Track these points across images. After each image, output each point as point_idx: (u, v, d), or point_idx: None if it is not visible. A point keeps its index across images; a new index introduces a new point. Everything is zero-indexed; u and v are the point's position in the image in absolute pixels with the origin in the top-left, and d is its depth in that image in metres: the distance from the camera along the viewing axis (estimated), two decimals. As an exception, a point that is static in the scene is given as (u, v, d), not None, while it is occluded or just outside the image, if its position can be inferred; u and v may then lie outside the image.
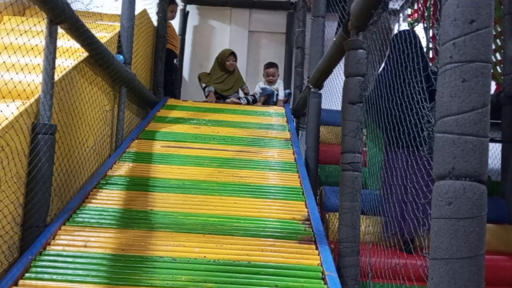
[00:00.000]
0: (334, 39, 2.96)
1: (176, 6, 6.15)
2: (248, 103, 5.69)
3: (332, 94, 4.17)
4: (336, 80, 3.78)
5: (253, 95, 5.84)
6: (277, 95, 5.73)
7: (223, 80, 5.84)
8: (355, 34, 2.53)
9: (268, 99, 5.72)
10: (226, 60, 5.81)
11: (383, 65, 2.72)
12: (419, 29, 5.12)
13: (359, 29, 2.51)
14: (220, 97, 5.74)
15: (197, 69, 7.05)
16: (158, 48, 5.26)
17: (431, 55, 4.62)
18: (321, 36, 4.02)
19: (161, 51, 5.29)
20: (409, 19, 5.66)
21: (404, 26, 5.97)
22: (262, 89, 5.80)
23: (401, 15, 5.95)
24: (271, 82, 5.81)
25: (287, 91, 5.83)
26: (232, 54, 5.90)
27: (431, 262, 1.15)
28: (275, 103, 5.67)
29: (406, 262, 1.93)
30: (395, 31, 5.93)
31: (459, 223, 1.11)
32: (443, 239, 1.13)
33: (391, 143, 2.38)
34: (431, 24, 4.64)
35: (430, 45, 4.63)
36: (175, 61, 6.15)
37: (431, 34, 4.60)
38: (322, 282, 2.29)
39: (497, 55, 4.10)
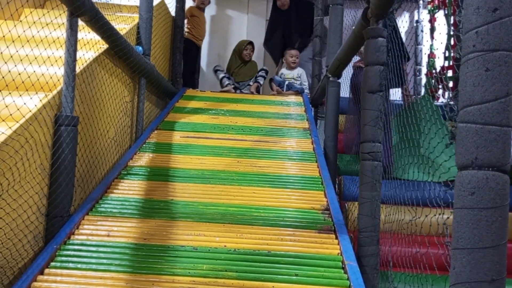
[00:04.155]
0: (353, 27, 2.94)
1: None
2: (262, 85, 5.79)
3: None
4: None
5: (265, 71, 5.87)
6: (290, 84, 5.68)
7: (239, 70, 5.90)
8: (375, 22, 2.51)
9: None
10: (243, 49, 5.88)
11: None
12: (440, 16, 5.04)
13: (379, 17, 2.48)
14: (236, 87, 5.81)
15: (215, 59, 7.06)
16: (176, 38, 5.28)
17: (452, 42, 4.56)
18: (339, 24, 3.99)
19: (179, 41, 5.31)
20: (430, 5, 5.58)
21: (424, 12, 5.88)
22: (278, 79, 5.77)
23: (421, 1, 5.86)
24: (293, 64, 5.73)
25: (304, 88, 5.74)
26: (250, 43, 5.96)
27: (453, 252, 1.15)
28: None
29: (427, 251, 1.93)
30: (416, 17, 5.86)
31: (482, 213, 1.11)
32: (466, 229, 1.12)
33: None
34: (452, 11, 4.57)
35: (451, 32, 4.56)
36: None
37: (452, 21, 4.53)
38: (342, 271, 2.30)
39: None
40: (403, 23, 2.62)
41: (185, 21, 5.80)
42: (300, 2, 6.03)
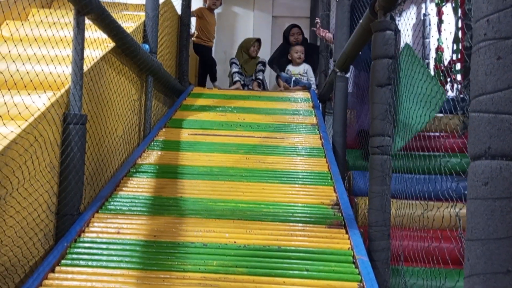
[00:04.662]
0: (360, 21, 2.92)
1: None
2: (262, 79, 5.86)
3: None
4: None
5: (262, 63, 5.89)
6: (295, 80, 5.66)
7: (246, 64, 6.02)
8: (383, 15, 2.49)
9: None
10: (251, 46, 6.00)
11: None
12: (448, 8, 5.00)
13: (386, 9, 2.46)
14: (244, 84, 5.89)
15: (221, 56, 7.05)
16: (183, 36, 5.28)
17: (460, 35, 4.52)
18: (346, 18, 3.96)
19: (186, 39, 5.31)
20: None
21: (431, 6, 5.84)
22: (285, 76, 5.76)
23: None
24: (299, 59, 5.73)
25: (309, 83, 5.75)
26: (257, 41, 6.09)
27: (467, 243, 1.13)
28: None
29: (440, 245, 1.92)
30: (423, 10, 5.81)
31: (496, 203, 1.09)
32: (479, 220, 1.10)
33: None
34: (459, 3, 4.52)
35: (459, 25, 4.51)
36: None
37: (460, 14, 4.49)
38: (353, 266, 2.29)
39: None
40: (410, 15, 2.60)
41: (193, 19, 5.83)
42: (308, 43, 6.20)
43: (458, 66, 4.74)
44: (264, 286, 2.14)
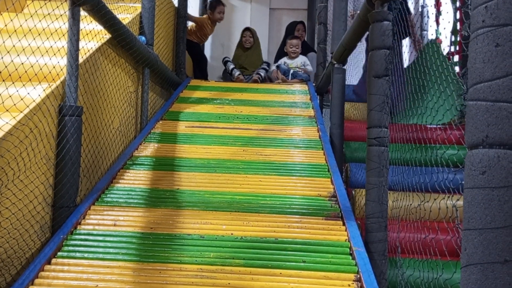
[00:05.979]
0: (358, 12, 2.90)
1: (224, 6, 6.03)
2: (263, 77, 5.82)
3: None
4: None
5: (267, 63, 5.89)
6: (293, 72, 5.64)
7: (242, 57, 6.02)
8: (380, 5, 2.47)
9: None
10: (242, 37, 6.02)
11: None
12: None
13: (384, 0, 2.44)
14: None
15: (219, 49, 7.03)
16: (179, 28, 5.24)
17: (458, 26, 4.50)
18: (344, 10, 3.94)
19: (182, 31, 5.28)
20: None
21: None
22: (284, 68, 5.73)
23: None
24: (293, 54, 5.70)
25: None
26: (247, 29, 6.04)
27: (464, 233, 1.12)
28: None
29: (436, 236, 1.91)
30: (421, 2, 5.78)
31: (493, 192, 1.08)
32: (477, 209, 1.10)
33: None
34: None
35: (458, 16, 4.49)
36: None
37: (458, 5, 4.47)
38: (350, 258, 2.28)
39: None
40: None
41: (190, 24, 5.79)
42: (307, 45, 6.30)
43: (456, 58, 4.72)
44: (261, 278, 2.14)
